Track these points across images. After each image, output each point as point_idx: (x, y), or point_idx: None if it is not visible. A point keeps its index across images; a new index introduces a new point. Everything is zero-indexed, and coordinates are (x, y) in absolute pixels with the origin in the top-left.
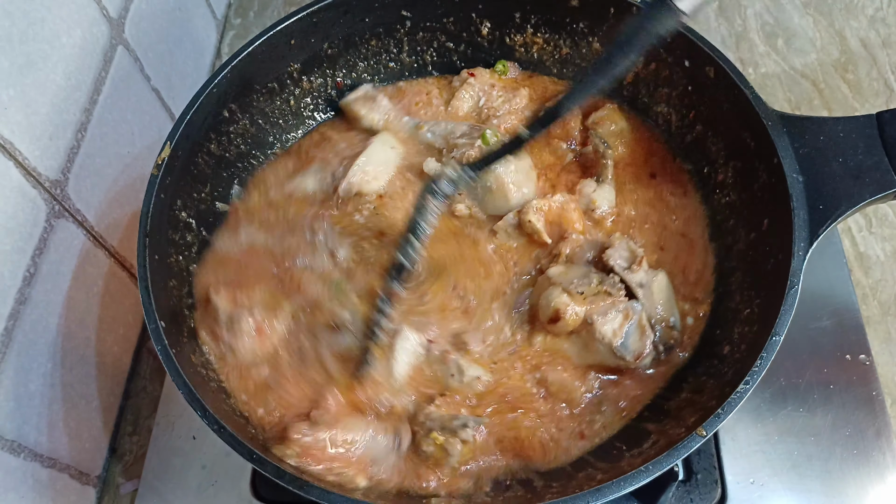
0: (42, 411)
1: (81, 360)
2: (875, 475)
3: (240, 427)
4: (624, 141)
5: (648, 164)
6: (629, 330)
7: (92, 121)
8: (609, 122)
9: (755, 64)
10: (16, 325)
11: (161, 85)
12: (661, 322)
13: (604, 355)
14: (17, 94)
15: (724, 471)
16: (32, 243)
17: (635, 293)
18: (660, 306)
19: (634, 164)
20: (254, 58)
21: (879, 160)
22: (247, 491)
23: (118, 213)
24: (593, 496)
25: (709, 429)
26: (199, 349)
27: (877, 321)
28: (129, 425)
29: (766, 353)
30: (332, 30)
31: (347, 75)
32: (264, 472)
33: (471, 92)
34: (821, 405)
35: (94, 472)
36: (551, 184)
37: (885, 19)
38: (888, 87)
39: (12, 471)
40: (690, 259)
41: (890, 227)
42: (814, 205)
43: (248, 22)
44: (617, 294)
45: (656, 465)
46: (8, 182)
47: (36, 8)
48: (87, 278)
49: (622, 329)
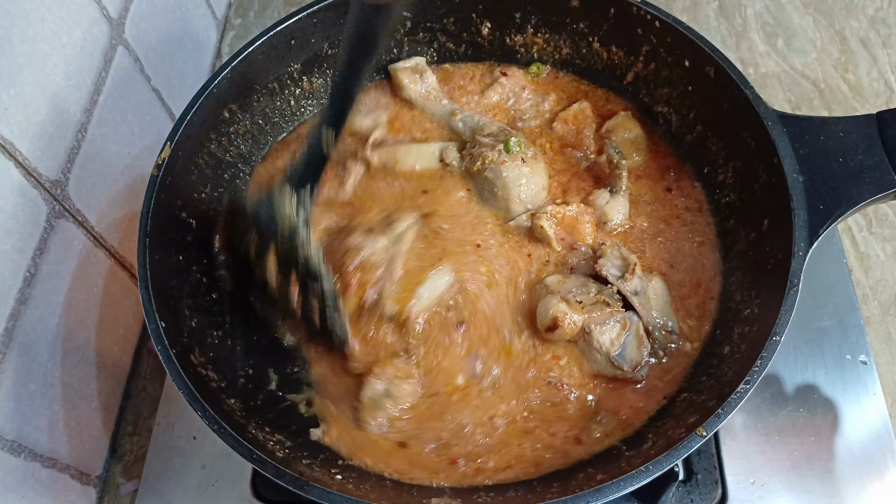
0: (42, 411)
1: (81, 361)
2: (875, 475)
3: (240, 427)
4: (639, 149)
5: (665, 179)
6: (627, 340)
7: (92, 121)
8: (623, 130)
9: (755, 64)
10: (16, 325)
11: (161, 85)
12: (660, 328)
13: (601, 365)
14: (17, 94)
15: (724, 471)
16: (33, 243)
17: (631, 302)
18: (656, 312)
19: (650, 176)
20: (254, 58)
21: (879, 160)
22: (247, 491)
23: (118, 213)
24: (593, 496)
25: (709, 429)
26: (199, 349)
27: (877, 321)
28: (130, 425)
29: (766, 353)
30: (333, 30)
31: None
32: (264, 472)
33: (500, 92)
34: (821, 405)
35: (94, 473)
36: (563, 189)
37: (885, 19)
38: (888, 87)
39: (12, 471)
40: (697, 285)
41: (890, 227)
42: (814, 205)
43: (248, 22)
44: (615, 304)
45: (656, 466)
46: (8, 182)
47: (36, 8)
48: (87, 278)
49: (619, 339)
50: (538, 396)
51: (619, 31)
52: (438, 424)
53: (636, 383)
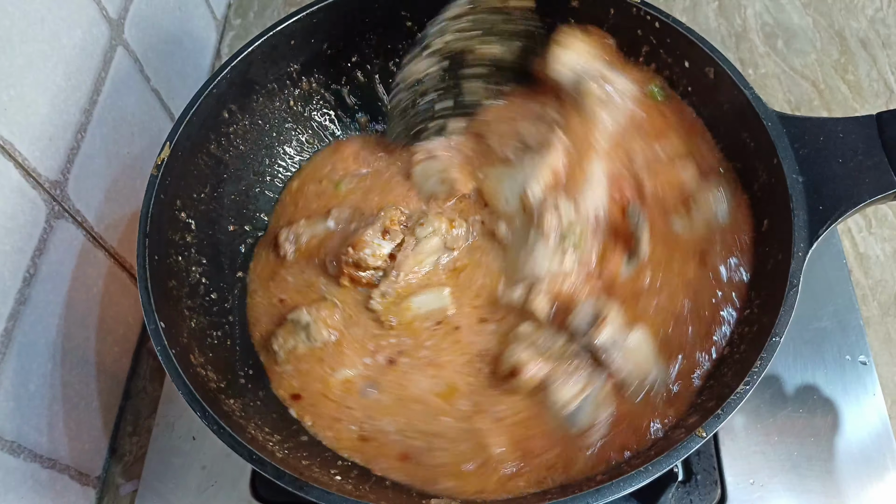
0: (42, 412)
1: (81, 361)
2: (875, 475)
3: (239, 428)
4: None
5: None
6: (585, 400)
7: (92, 121)
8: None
9: (755, 64)
10: (16, 326)
11: (161, 85)
12: (639, 384)
13: (550, 421)
14: (17, 94)
15: (723, 471)
16: (32, 244)
17: (598, 358)
18: (633, 367)
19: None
20: (254, 58)
21: (879, 160)
22: (246, 491)
23: (118, 213)
24: (593, 496)
25: (709, 430)
26: (199, 349)
27: (877, 321)
28: (129, 426)
29: (766, 353)
30: (333, 30)
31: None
32: (264, 472)
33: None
34: (821, 405)
35: (93, 473)
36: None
37: (885, 19)
38: (888, 88)
39: (12, 471)
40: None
41: (890, 228)
42: (813, 205)
43: (248, 22)
44: (584, 359)
45: (656, 466)
46: (8, 182)
47: (36, 8)
48: (86, 279)
49: (577, 398)
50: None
51: (619, 32)
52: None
53: (586, 448)
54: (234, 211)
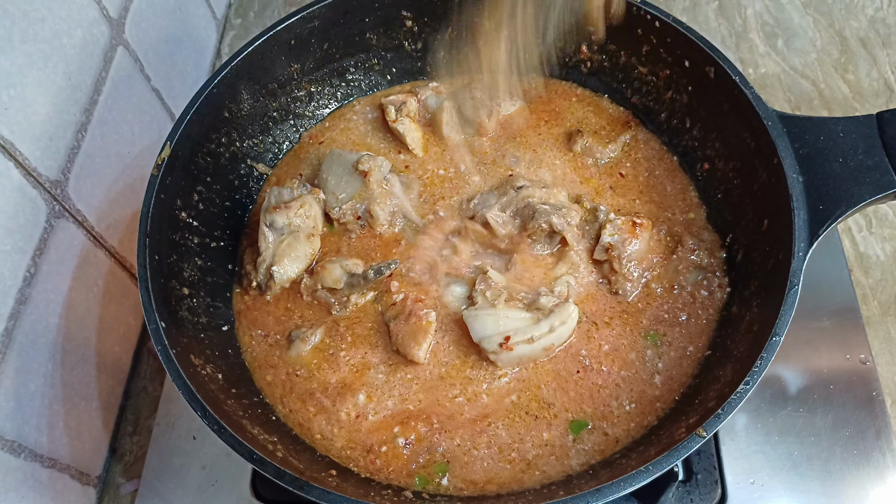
0: (42, 411)
1: (81, 360)
2: (875, 475)
3: (240, 427)
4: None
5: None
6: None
7: (92, 121)
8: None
9: (755, 64)
10: (16, 325)
11: (161, 85)
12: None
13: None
14: (17, 94)
15: (724, 471)
16: (33, 243)
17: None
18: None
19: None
20: (254, 58)
21: (879, 160)
22: (247, 491)
23: (118, 213)
24: (593, 496)
25: (709, 429)
26: (199, 349)
27: (877, 321)
28: (130, 425)
29: (766, 353)
30: (332, 30)
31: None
32: (264, 472)
33: None
34: (821, 405)
35: (94, 473)
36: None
37: (885, 19)
38: (888, 87)
39: (12, 471)
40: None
41: (890, 227)
42: (814, 205)
43: (248, 22)
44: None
45: (656, 466)
46: (8, 182)
47: (36, 8)
48: (87, 278)
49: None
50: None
51: (619, 32)
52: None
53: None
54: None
